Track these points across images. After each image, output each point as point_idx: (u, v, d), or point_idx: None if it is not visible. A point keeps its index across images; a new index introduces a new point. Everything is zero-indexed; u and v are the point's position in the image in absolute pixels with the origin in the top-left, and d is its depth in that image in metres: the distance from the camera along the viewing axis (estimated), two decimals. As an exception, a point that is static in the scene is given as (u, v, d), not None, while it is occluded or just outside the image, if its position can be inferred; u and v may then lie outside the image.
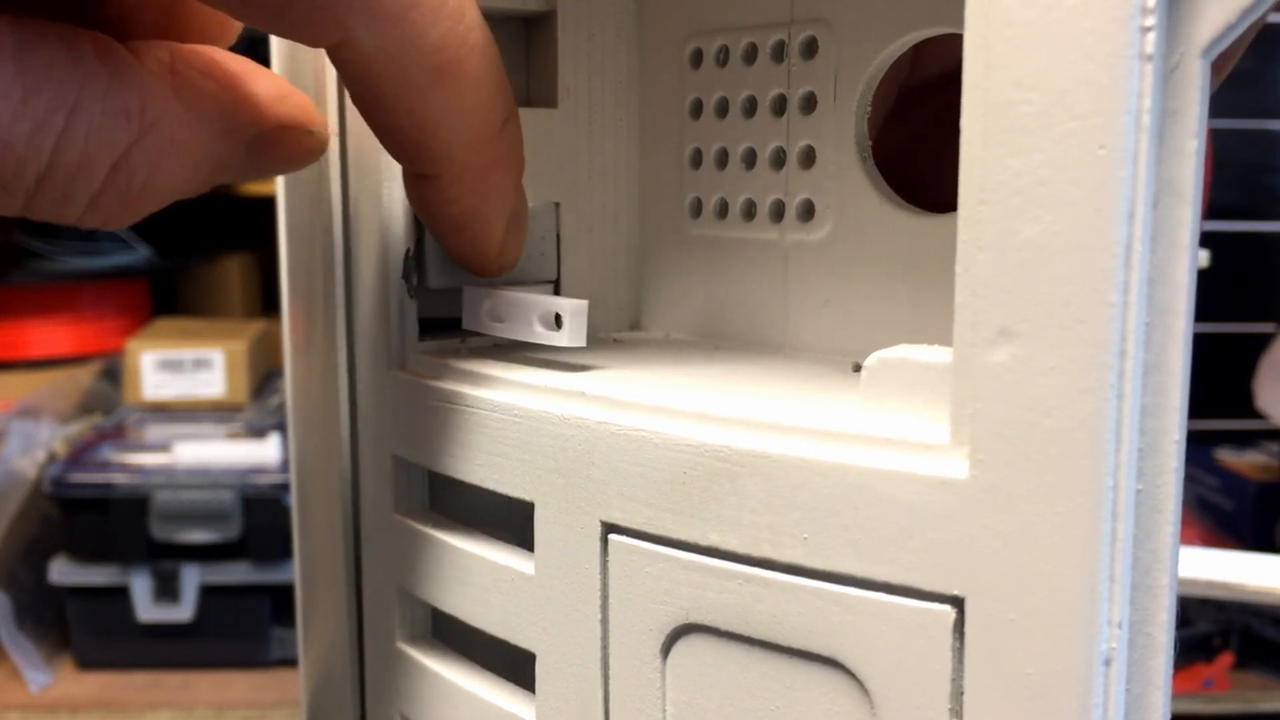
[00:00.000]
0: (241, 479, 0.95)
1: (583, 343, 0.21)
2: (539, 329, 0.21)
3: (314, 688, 0.29)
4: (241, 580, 0.96)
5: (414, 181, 0.21)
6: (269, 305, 1.35)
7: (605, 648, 0.20)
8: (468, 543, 0.22)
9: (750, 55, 0.24)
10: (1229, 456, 1.06)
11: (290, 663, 0.97)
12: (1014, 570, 0.15)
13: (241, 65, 0.20)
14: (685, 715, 0.19)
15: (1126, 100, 0.14)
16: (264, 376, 1.18)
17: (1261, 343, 0.96)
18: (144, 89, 0.18)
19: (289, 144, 0.20)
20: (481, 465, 0.21)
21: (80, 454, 0.98)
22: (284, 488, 0.92)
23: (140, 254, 1.24)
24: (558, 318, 0.21)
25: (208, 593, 0.96)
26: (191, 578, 0.96)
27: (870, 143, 0.22)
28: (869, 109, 0.22)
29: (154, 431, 1.05)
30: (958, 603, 0.16)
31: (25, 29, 0.17)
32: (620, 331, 0.26)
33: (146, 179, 0.18)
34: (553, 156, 0.25)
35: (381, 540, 0.25)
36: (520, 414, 0.21)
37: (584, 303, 0.21)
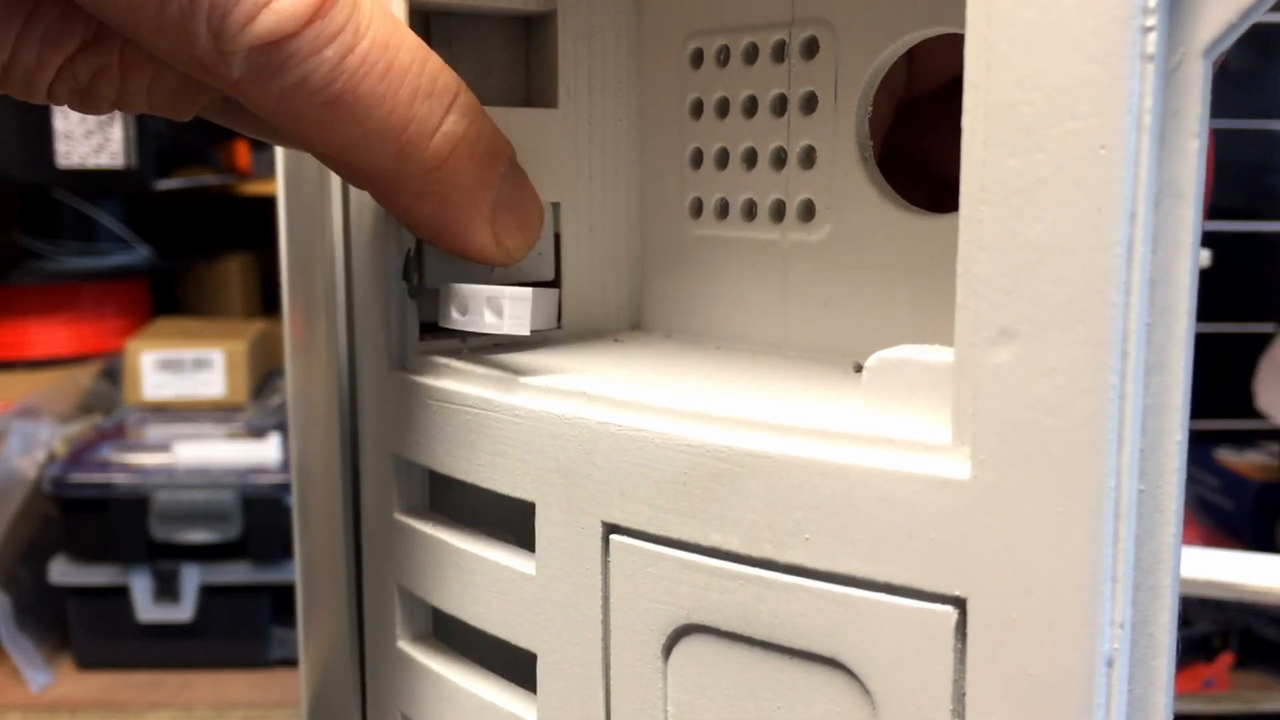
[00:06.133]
0: (241, 479, 0.95)
1: (526, 330, 0.21)
2: (488, 318, 0.21)
3: (314, 688, 0.29)
4: (241, 580, 0.96)
5: (375, 199, 0.21)
6: (269, 305, 1.35)
7: (606, 648, 0.20)
8: (468, 543, 0.22)
9: (751, 55, 0.23)
10: (1229, 456, 1.06)
11: (290, 663, 0.97)
12: (1016, 571, 0.15)
13: None
14: (686, 716, 0.19)
15: (1128, 100, 0.14)
16: (264, 376, 1.18)
17: (1261, 343, 0.96)
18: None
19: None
20: (482, 465, 0.21)
21: (80, 454, 0.98)
22: (284, 488, 0.92)
23: (140, 254, 1.23)
24: (500, 305, 0.21)
25: (208, 593, 0.96)
26: (191, 578, 0.96)
27: (871, 143, 0.22)
28: (869, 109, 0.22)
29: (154, 431, 1.05)
30: (959, 603, 0.16)
31: None
32: (620, 331, 0.26)
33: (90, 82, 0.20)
34: (553, 156, 0.25)
35: (382, 540, 0.25)
36: (521, 414, 0.20)
37: (527, 290, 0.21)
